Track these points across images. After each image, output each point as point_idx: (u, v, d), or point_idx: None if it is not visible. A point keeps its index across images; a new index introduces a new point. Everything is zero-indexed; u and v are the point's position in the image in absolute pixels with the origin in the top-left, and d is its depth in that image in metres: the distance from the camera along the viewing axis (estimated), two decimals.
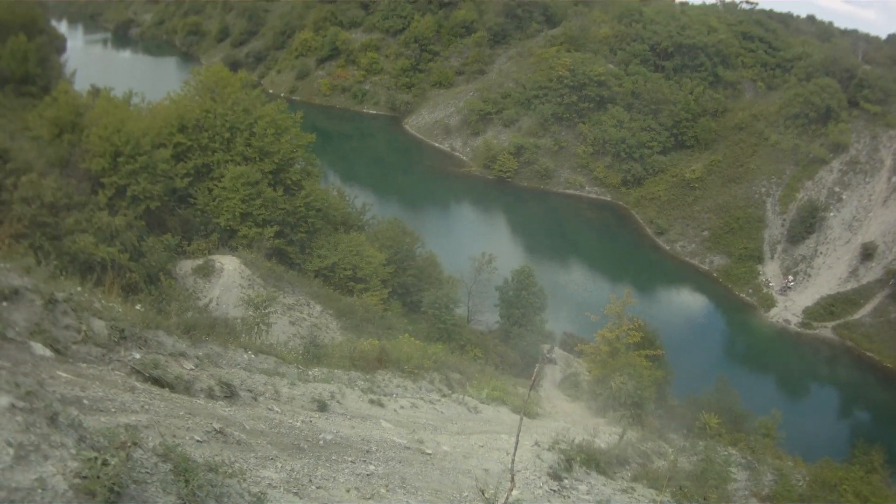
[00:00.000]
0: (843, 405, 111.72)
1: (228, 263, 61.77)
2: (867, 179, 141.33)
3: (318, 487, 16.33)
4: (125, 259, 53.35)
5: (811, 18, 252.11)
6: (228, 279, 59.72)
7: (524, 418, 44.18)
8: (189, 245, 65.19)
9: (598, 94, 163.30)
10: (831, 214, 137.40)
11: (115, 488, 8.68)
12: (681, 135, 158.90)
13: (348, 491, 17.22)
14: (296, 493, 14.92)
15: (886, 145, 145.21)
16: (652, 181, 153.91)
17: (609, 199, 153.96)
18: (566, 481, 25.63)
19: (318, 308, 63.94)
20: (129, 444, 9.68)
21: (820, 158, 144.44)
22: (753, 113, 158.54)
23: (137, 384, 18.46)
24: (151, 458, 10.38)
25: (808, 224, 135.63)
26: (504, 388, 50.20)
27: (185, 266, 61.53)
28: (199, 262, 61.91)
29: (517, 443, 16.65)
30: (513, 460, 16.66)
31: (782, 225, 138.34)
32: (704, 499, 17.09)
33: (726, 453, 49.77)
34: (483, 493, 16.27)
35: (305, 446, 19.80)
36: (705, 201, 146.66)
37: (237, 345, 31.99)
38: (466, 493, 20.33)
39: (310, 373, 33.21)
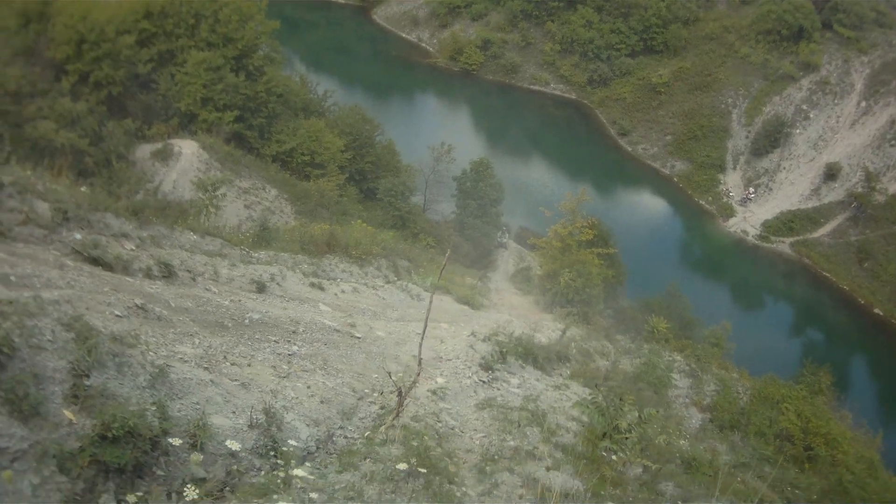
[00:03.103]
0: (796, 323, 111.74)
1: (187, 147, 62.19)
2: (836, 101, 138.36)
3: (232, 364, 16.87)
4: (85, 144, 54.04)
5: None
6: (186, 163, 60.16)
7: (469, 308, 45.41)
8: (149, 129, 65.53)
9: None
10: (797, 131, 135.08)
11: (5, 350, 9.84)
12: (650, 40, 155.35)
13: (264, 369, 17.79)
14: (206, 369, 15.34)
15: (858, 70, 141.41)
16: (618, 83, 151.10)
17: (574, 97, 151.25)
18: (498, 373, 25.95)
19: (274, 192, 64.61)
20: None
21: (789, 75, 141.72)
22: (725, 25, 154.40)
23: (69, 262, 19.29)
24: (55, 327, 11.43)
25: (772, 138, 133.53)
26: (451, 277, 51.11)
27: (145, 150, 61.90)
28: (158, 145, 62.32)
29: (426, 326, 17.61)
30: (420, 344, 17.55)
31: (747, 137, 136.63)
32: (620, 399, 17.74)
33: (670, 359, 50.19)
34: (390, 376, 16.94)
35: (230, 325, 20.51)
36: (670, 106, 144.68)
37: (185, 227, 32.68)
38: (376, 376, 20.71)
39: (254, 255, 33.95)
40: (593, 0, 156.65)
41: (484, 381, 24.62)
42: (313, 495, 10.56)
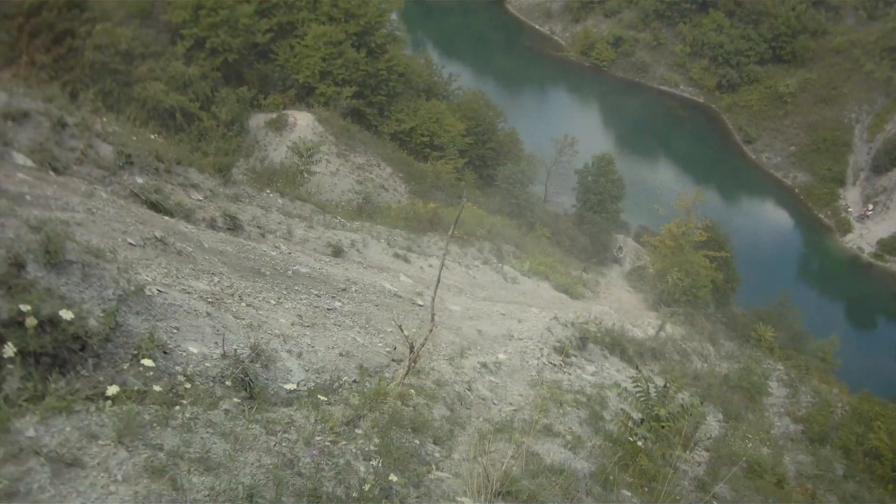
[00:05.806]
0: None
1: (302, 119, 62.65)
2: None
3: (247, 305, 16.25)
4: (195, 107, 54.75)
5: None
6: (300, 134, 60.33)
7: (567, 297, 45.08)
8: (265, 99, 66.23)
9: None
10: None
11: None
12: (779, 48, 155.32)
13: (286, 316, 17.27)
14: (210, 303, 14.66)
15: None
16: (746, 89, 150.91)
17: (702, 100, 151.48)
18: (574, 359, 25.66)
19: (389, 170, 64.72)
20: None
21: None
22: (852, 39, 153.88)
23: (103, 193, 19.07)
24: (20, 227, 11.15)
25: (893, 156, 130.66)
26: (551, 264, 50.64)
27: (259, 119, 62.67)
28: (273, 115, 62.98)
29: (438, 282, 17.11)
30: (433, 300, 17.01)
31: (868, 153, 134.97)
32: (665, 386, 16.84)
33: (769, 367, 49.47)
34: (402, 329, 16.41)
35: (267, 273, 20.18)
36: (795, 117, 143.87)
37: (274, 189, 32.80)
38: (390, 330, 19.97)
39: (344, 223, 33.98)
40: (725, 4, 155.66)
41: (554, 364, 24.12)
42: (236, 422, 9.86)
